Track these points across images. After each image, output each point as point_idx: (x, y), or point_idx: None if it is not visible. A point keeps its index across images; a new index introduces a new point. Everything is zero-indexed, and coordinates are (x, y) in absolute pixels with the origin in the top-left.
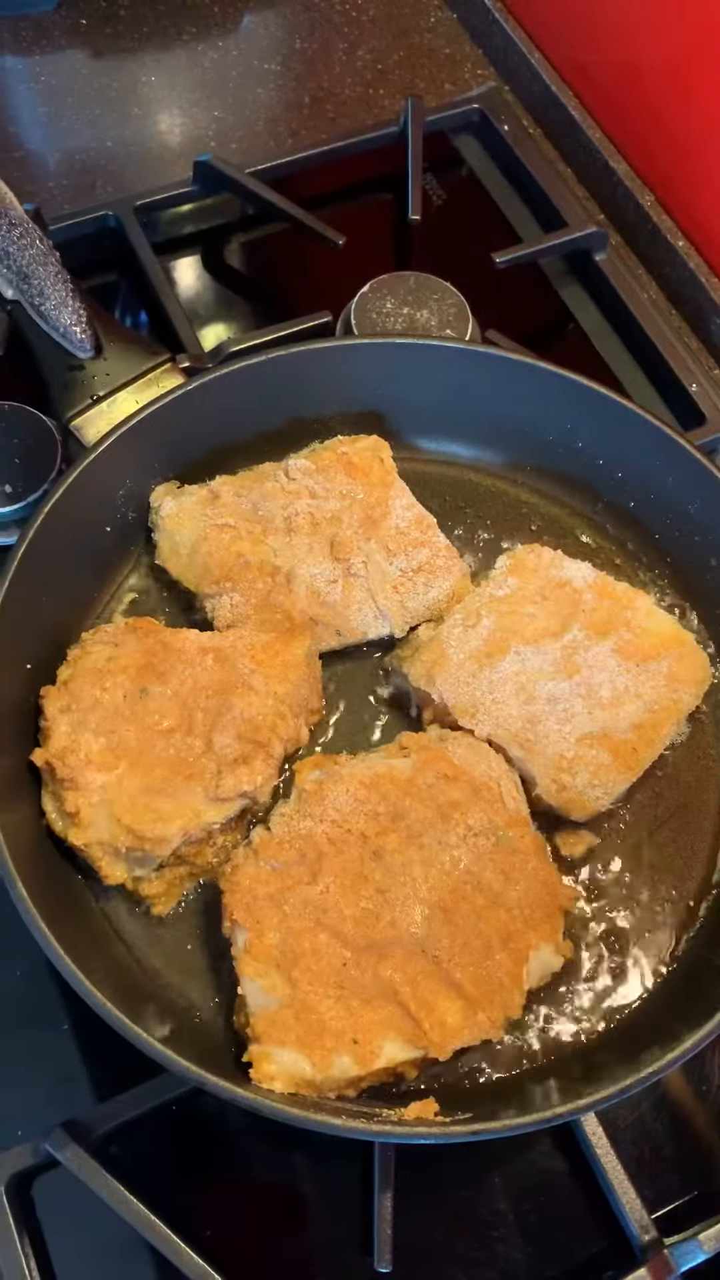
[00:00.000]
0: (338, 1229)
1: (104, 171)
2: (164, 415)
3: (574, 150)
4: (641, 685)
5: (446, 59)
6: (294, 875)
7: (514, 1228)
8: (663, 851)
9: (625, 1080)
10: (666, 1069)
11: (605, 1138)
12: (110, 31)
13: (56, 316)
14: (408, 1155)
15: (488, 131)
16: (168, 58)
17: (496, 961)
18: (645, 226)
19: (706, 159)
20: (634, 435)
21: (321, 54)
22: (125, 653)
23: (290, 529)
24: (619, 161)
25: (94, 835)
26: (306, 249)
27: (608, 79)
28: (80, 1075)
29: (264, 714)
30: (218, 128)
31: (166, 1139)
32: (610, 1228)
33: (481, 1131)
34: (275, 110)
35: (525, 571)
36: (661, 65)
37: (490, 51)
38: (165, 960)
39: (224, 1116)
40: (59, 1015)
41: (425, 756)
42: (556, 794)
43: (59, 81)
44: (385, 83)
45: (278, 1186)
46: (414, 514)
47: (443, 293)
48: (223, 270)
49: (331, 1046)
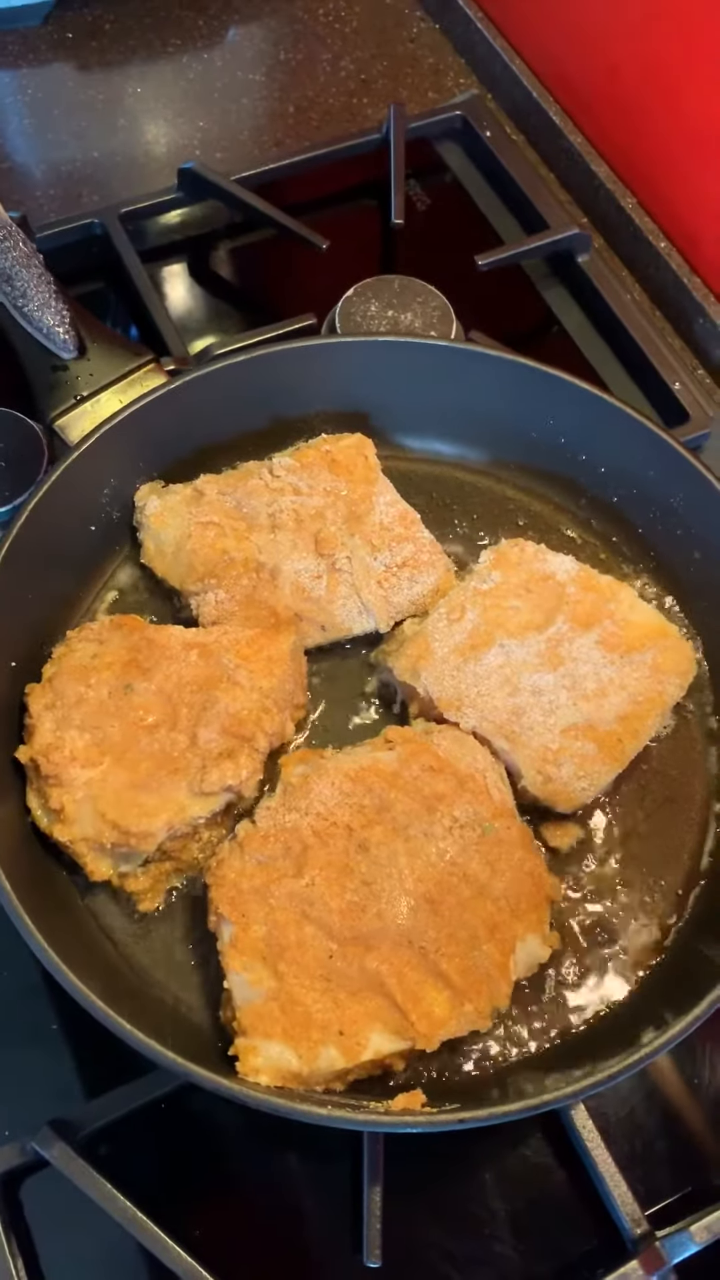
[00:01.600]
0: (328, 1227)
1: (90, 181)
2: (147, 414)
3: (556, 155)
4: (626, 677)
5: (430, 69)
6: (279, 868)
7: (505, 1224)
8: (649, 843)
9: (613, 1067)
10: (654, 1054)
11: (596, 1130)
12: (96, 45)
13: (40, 318)
14: (397, 1152)
15: (470, 137)
16: (153, 70)
17: (483, 952)
18: (628, 229)
19: (688, 161)
20: (616, 430)
21: (305, 65)
22: (110, 649)
23: (274, 525)
24: (600, 165)
25: (79, 831)
26: (291, 255)
27: (589, 85)
28: (69, 1074)
29: (249, 708)
30: (203, 138)
31: (156, 1138)
32: (602, 1222)
33: (468, 1120)
34: (260, 120)
35: (508, 565)
36: (642, 70)
37: (473, 61)
38: (151, 957)
39: (214, 1115)
40: (47, 1015)
41: (410, 749)
42: (542, 786)
43: (45, 94)
44: (369, 92)
45: (268, 1185)
46: (398, 510)
47: (426, 296)
48: (209, 277)
49: (318, 1039)
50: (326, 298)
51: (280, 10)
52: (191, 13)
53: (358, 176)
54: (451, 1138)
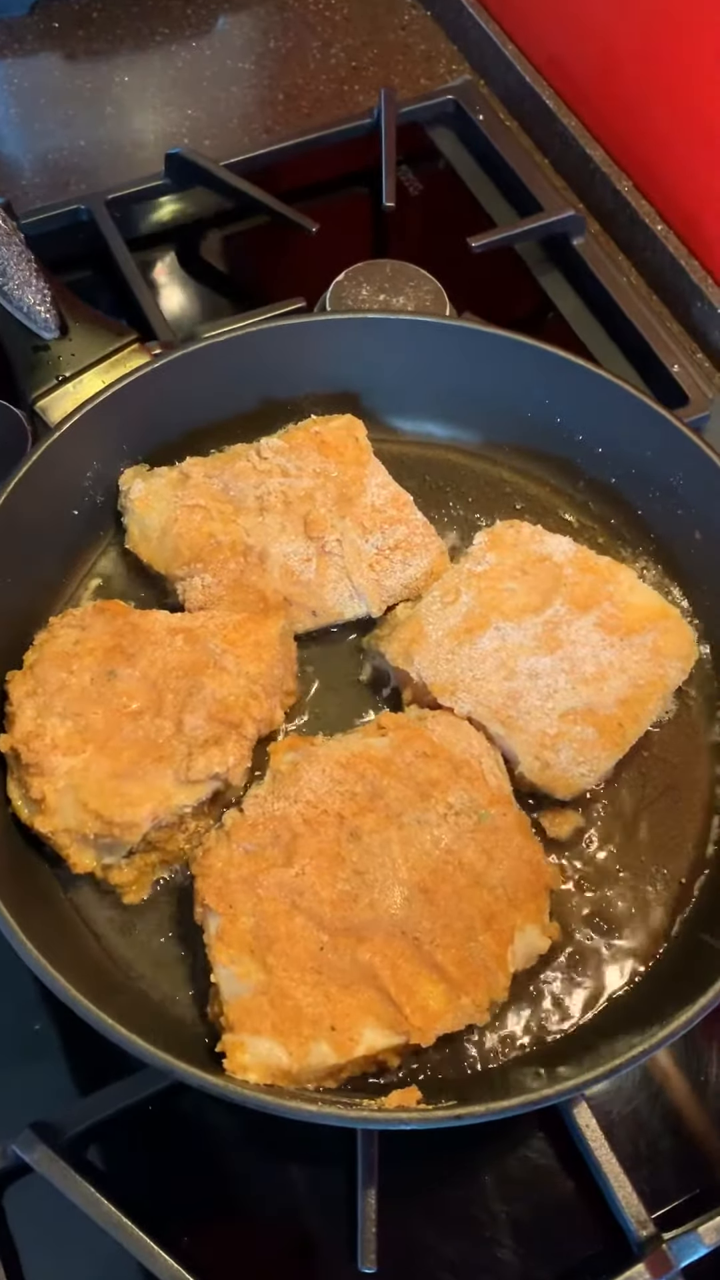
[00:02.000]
0: (322, 1232)
1: (77, 170)
2: (131, 394)
3: (550, 139)
4: (626, 660)
5: (421, 55)
6: (268, 857)
7: (506, 1228)
8: (652, 831)
9: (615, 1060)
10: (658, 1046)
11: (599, 1130)
12: (83, 34)
13: (20, 296)
14: (393, 1153)
15: (463, 122)
16: (141, 59)
17: (480, 943)
18: (624, 212)
19: (687, 142)
20: (613, 408)
21: (295, 53)
22: (93, 635)
23: (262, 508)
24: (595, 148)
25: (61, 822)
26: (282, 243)
27: (583, 69)
28: (53, 1076)
29: (236, 694)
30: (191, 125)
31: (143, 1142)
32: (606, 1225)
33: (465, 1116)
34: (249, 108)
35: (504, 547)
36: (639, 52)
37: (465, 47)
38: (136, 951)
39: (203, 1117)
40: (31, 1014)
41: (403, 735)
42: (540, 772)
43: (31, 83)
44: (360, 79)
45: (259, 1190)
46: (390, 492)
47: (419, 279)
48: (198, 266)
49: (309, 1034)
50: (317, 285)
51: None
52: (179, 1)
53: (349, 164)
54: (449, 1138)
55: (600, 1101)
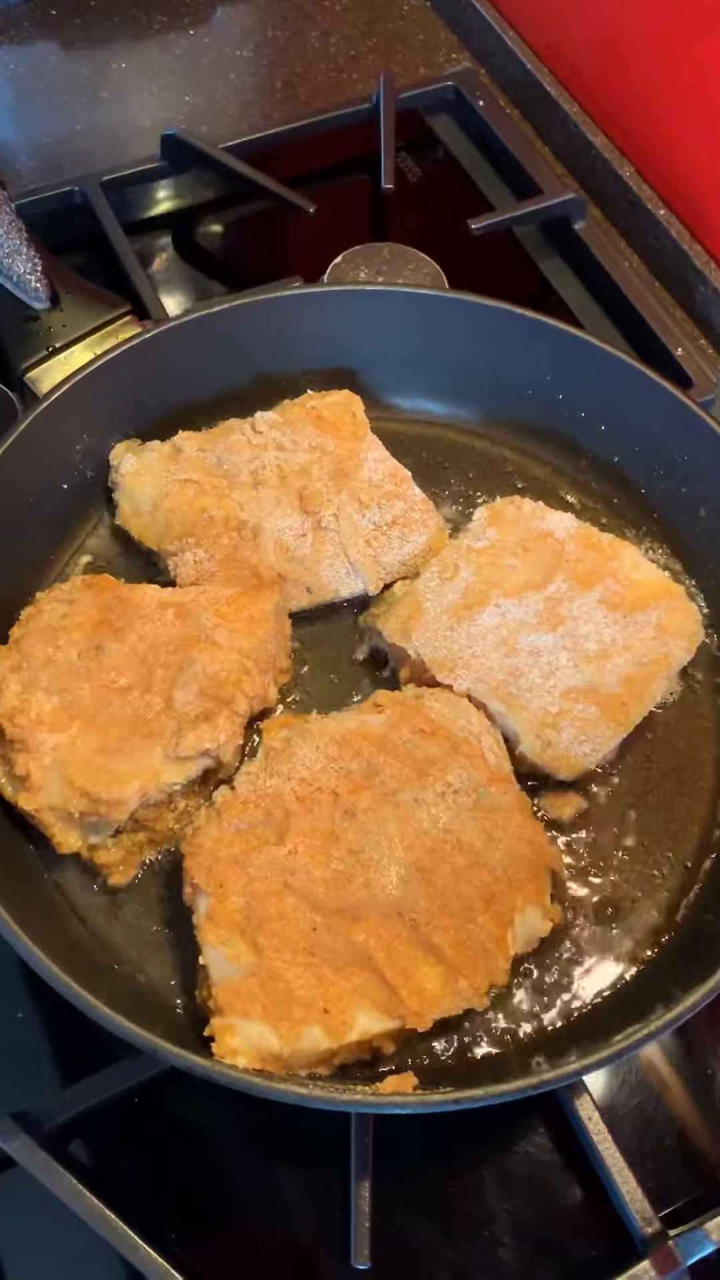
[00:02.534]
0: (314, 1229)
1: (72, 155)
2: (122, 366)
3: (550, 126)
4: (630, 637)
5: (421, 45)
6: (260, 836)
7: (506, 1226)
8: (657, 814)
9: (619, 1043)
10: (662, 1030)
11: (602, 1123)
12: (80, 21)
13: (10, 265)
14: (388, 1147)
15: (463, 109)
16: (138, 46)
17: (479, 924)
18: (625, 198)
19: (690, 126)
20: (617, 383)
21: (294, 41)
22: (80, 609)
23: (257, 483)
24: (597, 134)
25: (45, 799)
26: (279, 228)
27: (585, 55)
28: (36, 1065)
29: (228, 670)
30: (189, 112)
31: (129, 1135)
32: (609, 1223)
33: (463, 1100)
34: (247, 94)
35: (504, 523)
36: (641, 35)
37: (465, 35)
38: (123, 934)
39: (191, 1109)
40: (13, 1001)
41: (400, 711)
42: (541, 751)
43: (27, 69)
44: (359, 68)
45: (248, 1185)
46: (387, 467)
47: (418, 262)
48: (194, 251)
49: (300, 1017)
50: (315, 269)
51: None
52: None
53: (347, 150)
54: (447, 1132)
55: (603, 1097)
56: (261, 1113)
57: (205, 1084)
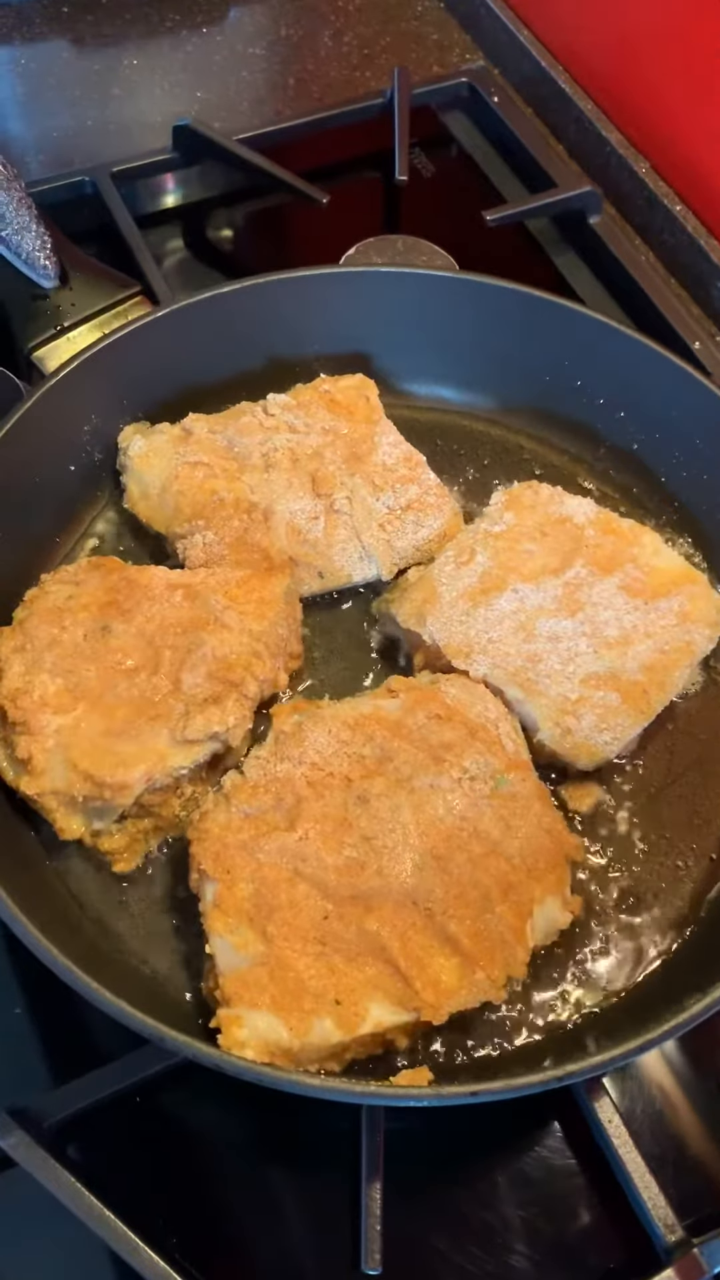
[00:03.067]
0: (322, 1236)
1: (82, 150)
2: (132, 345)
3: (565, 124)
4: (652, 624)
5: (434, 44)
6: (269, 821)
7: (520, 1234)
8: (679, 806)
9: (644, 1036)
10: (688, 1024)
11: (622, 1125)
12: (91, 19)
13: (18, 241)
14: (400, 1151)
15: (477, 106)
16: (150, 43)
17: (497, 914)
18: (641, 194)
19: (707, 120)
20: (636, 367)
21: (307, 40)
22: (87, 590)
23: (268, 465)
24: (612, 131)
25: (48, 784)
26: (291, 223)
27: (601, 52)
28: (33, 1063)
29: (238, 652)
30: (200, 108)
31: (130, 1136)
32: (629, 1231)
33: (481, 1093)
34: (260, 92)
35: (522, 508)
36: (657, 30)
37: (478, 35)
38: (127, 924)
39: (192, 1110)
40: (11, 998)
41: (415, 696)
42: (560, 739)
43: (39, 65)
44: (372, 66)
45: (254, 1190)
46: (402, 451)
47: (431, 254)
48: (206, 246)
49: (311, 1009)
50: (327, 262)
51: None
52: None
53: (360, 146)
54: (460, 1136)
55: (622, 1103)
56: (268, 1113)
57: (208, 1084)
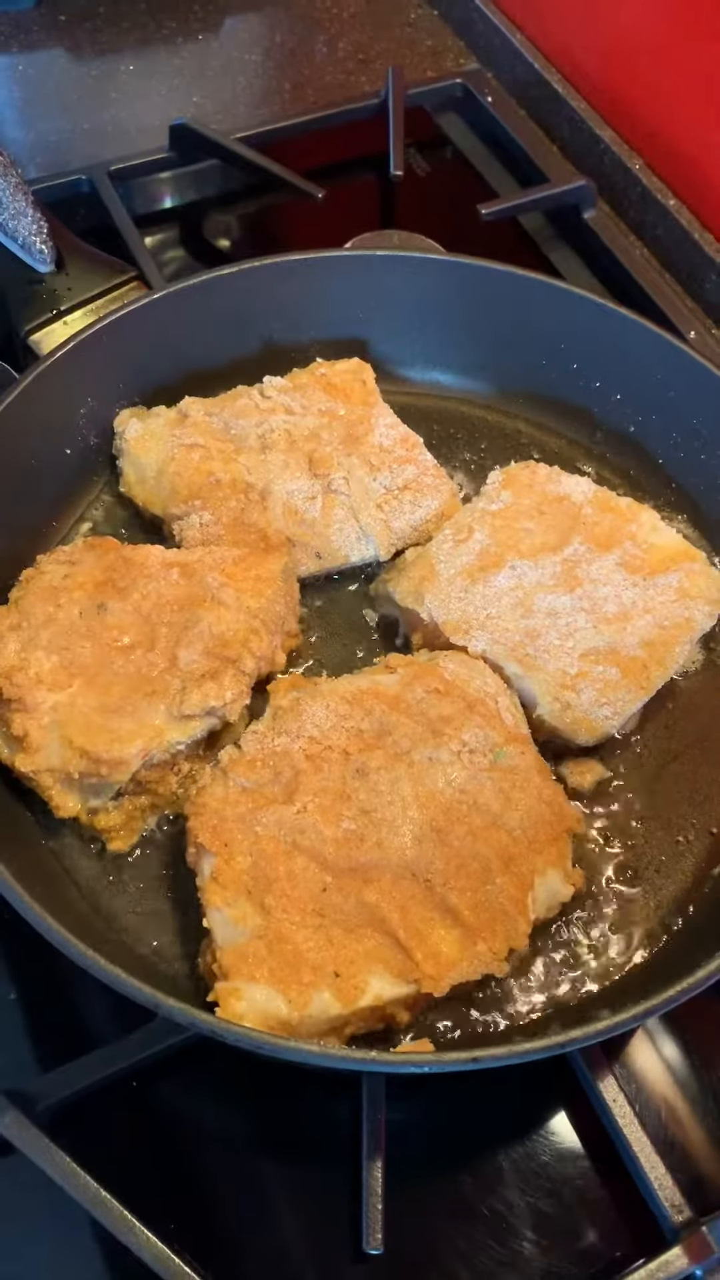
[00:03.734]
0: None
1: (80, 152)
2: (127, 328)
3: (558, 124)
4: (650, 600)
5: (429, 50)
6: (267, 795)
7: (525, 1217)
8: (681, 782)
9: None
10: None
11: (628, 1105)
12: (89, 26)
13: (14, 227)
14: (402, 1134)
15: (472, 106)
16: (147, 50)
17: (498, 886)
18: (634, 190)
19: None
20: (632, 348)
21: (302, 47)
22: (83, 569)
23: (265, 446)
24: (605, 129)
25: (44, 761)
26: (287, 223)
27: (593, 53)
28: (27, 1050)
29: (235, 629)
30: (197, 112)
31: (126, 1121)
32: (635, 1214)
33: (483, 1059)
34: (256, 96)
35: (519, 486)
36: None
37: (472, 40)
38: (122, 902)
39: (188, 1096)
40: (5, 983)
41: (414, 671)
42: (560, 714)
43: (36, 71)
44: (367, 71)
45: (253, 1176)
46: (399, 433)
47: (426, 249)
48: (203, 246)
49: (310, 981)
50: None
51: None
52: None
53: (355, 148)
54: (462, 1122)
55: (627, 1087)
56: (265, 1099)
57: (203, 1069)
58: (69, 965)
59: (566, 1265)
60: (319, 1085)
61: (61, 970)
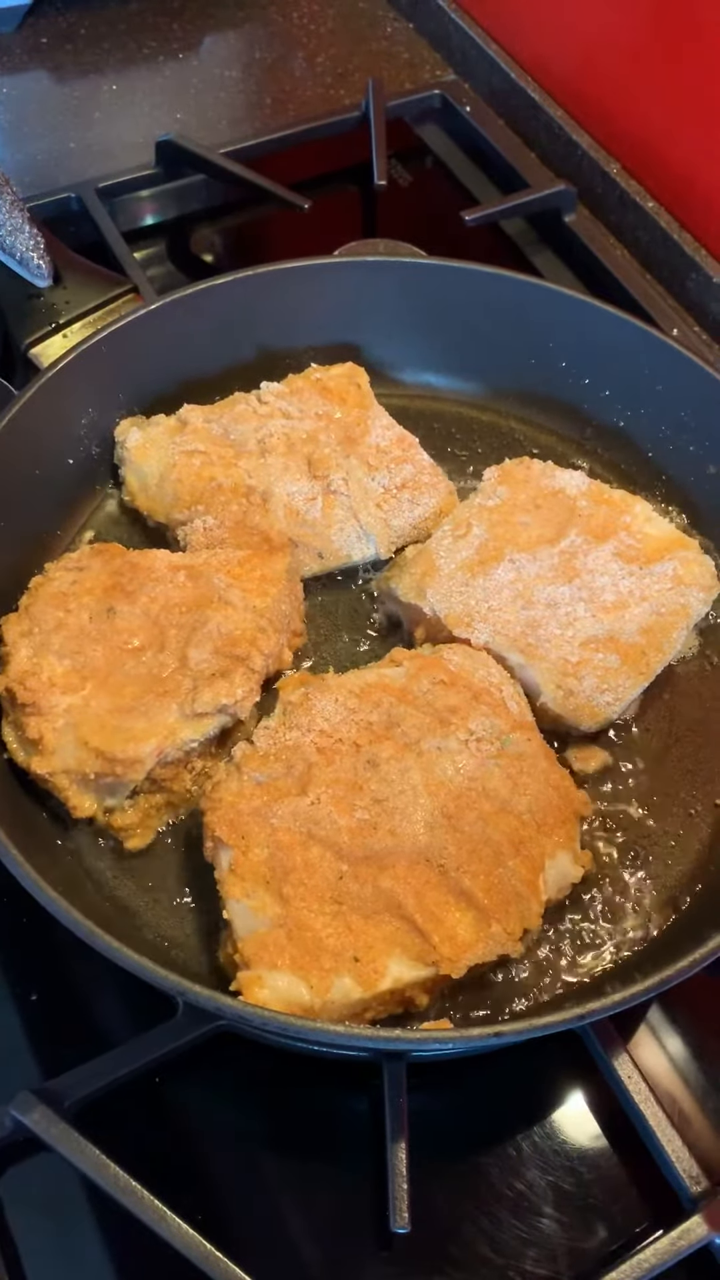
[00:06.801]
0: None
1: (67, 171)
2: (126, 338)
3: (536, 132)
4: (647, 588)
5: (405, 63)
6: (281, 788)
7: (546, 1195)
8: (683, 765)
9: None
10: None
11: (644, 1083)
12: (70, 48)
13: (12, 243)
14: (424, 1116)
15: (450, 116)
16: (129, 70)
17: (510, 869)
18: (613, 194)
19: (676, 118)
20: (618, 344)
21: (281, 63)
22: (90, 575)
23: (264, 450)
24: (582, 135)
25: (60, 762)
26: (272, 236)
27: (567, 60)
28: (50, 1049)
29: (243, 628)
30: (180, 128)
31: (152, 1116)
32: (653, 1188)
33: (505, 1033)
34: (237, 112)
35: (515, 482)
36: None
37: (448, 53)
38: (140, 899)
39: (211, 1090)
40: (27, 985)
41: (419, 664)
42: (563, 701)
43: (20, 93)
44: (346, 84)
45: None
46: (395, 433)
47: (411, 256)
48: (189, 260)
49: (330, 967)
50: None
51: (254, 15)
52: (165, 18)
53: (338, 161)
54: (482, 1104)
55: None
56: (285, 1090)
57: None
58: (89, 966)
59: (588, 1240)
60: (338, 1078)
61: (82, 971)
